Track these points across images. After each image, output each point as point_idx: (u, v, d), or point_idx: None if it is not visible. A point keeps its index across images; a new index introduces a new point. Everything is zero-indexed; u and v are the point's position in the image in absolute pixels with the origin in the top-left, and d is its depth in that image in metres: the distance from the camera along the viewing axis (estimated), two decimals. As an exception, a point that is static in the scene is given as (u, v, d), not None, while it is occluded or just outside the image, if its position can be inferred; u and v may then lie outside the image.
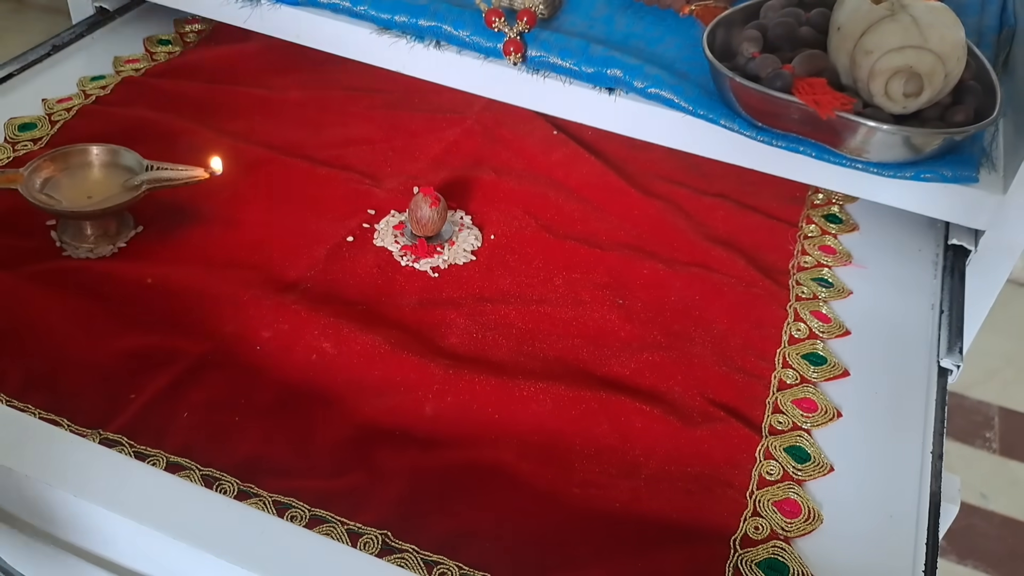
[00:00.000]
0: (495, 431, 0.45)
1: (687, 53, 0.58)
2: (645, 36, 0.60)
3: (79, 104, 0.61)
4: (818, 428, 0.46)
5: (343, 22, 0.60)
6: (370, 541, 0.39)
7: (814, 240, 0.58)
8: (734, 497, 0.43)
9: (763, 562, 0.40)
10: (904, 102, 0.50)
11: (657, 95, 0.55)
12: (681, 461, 0.44)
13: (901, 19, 0.50)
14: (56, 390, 0.44)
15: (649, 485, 0.43)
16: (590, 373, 0.48)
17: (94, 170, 0.53)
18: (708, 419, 0.46)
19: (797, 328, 0.52)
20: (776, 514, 0.42)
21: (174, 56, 0.68)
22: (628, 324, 0.51)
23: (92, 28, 0.68)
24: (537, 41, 0.57)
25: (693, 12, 0.61)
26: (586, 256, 0.55)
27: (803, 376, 0.49)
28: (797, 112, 0.51)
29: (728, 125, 0.54)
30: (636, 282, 0.54)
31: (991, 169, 0.54)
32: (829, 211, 0.61)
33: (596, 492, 0.43)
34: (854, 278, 0.56)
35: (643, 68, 0.55)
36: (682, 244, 0.57)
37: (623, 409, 0.46)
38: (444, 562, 0.39)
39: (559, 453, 0.44)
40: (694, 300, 0.53)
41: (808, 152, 0.53)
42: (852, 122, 0.49)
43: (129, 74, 0.65)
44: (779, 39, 0.55)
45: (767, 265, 0.56)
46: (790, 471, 0.44)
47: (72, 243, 0.51)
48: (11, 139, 0.58)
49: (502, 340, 0.49)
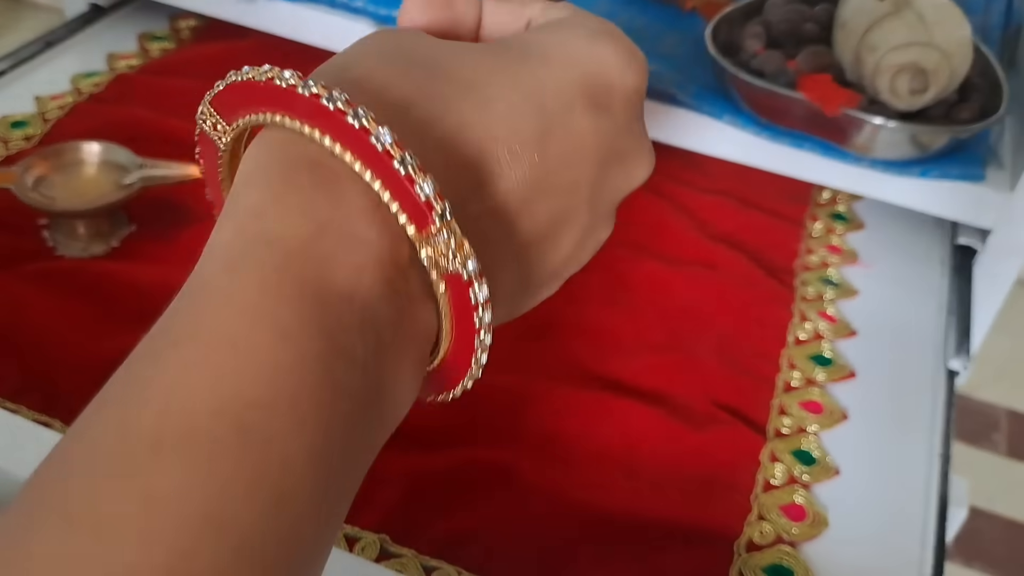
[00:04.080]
0: (495, 433, 0.44)
1: (690, 49, 0.58)
2: (648, 31, 0.59)
3: (72, 101, 0.61)
4: (824, 431, 0.46)
5: (340, 17, 0.59)
6: (368, 545, 0.39)
7: (819, 239, 0.58)
8: (738, 500, 0.42)
9: (768, 567, 0.40)
10: (909, 99, 0.49)
11: (660, 91, 0.54)
12: (684, 464, 0.44)
13: (906, 16, 0.50)
14: (49, 391, 0.43)
15: (651, 488, 0.42)
16: (591, 374, 0.47)
17: (87, 168, 0.52)
18: (712, 421, 0.45)
19: (802, 329, 0.51)
20: (781, 518, 0.42)
21: (168, 52, 0.67)
22: (630, 324, 0.50)
23: (85, 24, 0.68)
24: (537, 37, 0.56)
25: (696, 8, 0.61)
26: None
27: (809, 378, 0.48)
28: (802, 109, 0.50)
29: (732, 122, 0.53)
30: (638, 281, 0.53)
31: (997, 167, 0.53)
32: (834, 210, 0.60)
33: (597, 494, 0.42)
34: (860, 278, 0.55)
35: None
36: (685, 243, 0.56)
37: (625, 411, 0.45)
38: (443, 566, 0.38)
39: (560, 455, 0.43)
40: (697, 300, 0.52)
41: (813, 149, 0.52)
42: (857, 119, 0.49)
43: (123, 71, 0.64)
44: (783, 35, 0.55)
45: (772, 264, 0.55)
46: (795, 474, 0.44)
47: (65, 242, 0.51)
48: (3, 137, 0.57)
49: (501, 340, 0.49)
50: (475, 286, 0.21)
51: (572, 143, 0.25)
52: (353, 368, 0.19)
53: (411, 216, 0.20)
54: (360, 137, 0.20)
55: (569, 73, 0.25)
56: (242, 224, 0.20)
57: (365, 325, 0.20)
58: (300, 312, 0.19)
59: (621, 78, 0.26)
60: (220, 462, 0.17)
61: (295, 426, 0.18)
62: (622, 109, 0.26)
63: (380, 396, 0.21)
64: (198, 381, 0.18)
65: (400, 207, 0.20)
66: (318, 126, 0.20)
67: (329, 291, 0.19)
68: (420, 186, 0.20)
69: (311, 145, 0.21)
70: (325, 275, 0.20)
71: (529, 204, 0.24)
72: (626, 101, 0.27)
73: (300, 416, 0.18)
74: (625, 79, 0.26)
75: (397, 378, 0.21)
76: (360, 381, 0.20)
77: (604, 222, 0.29)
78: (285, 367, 0.18)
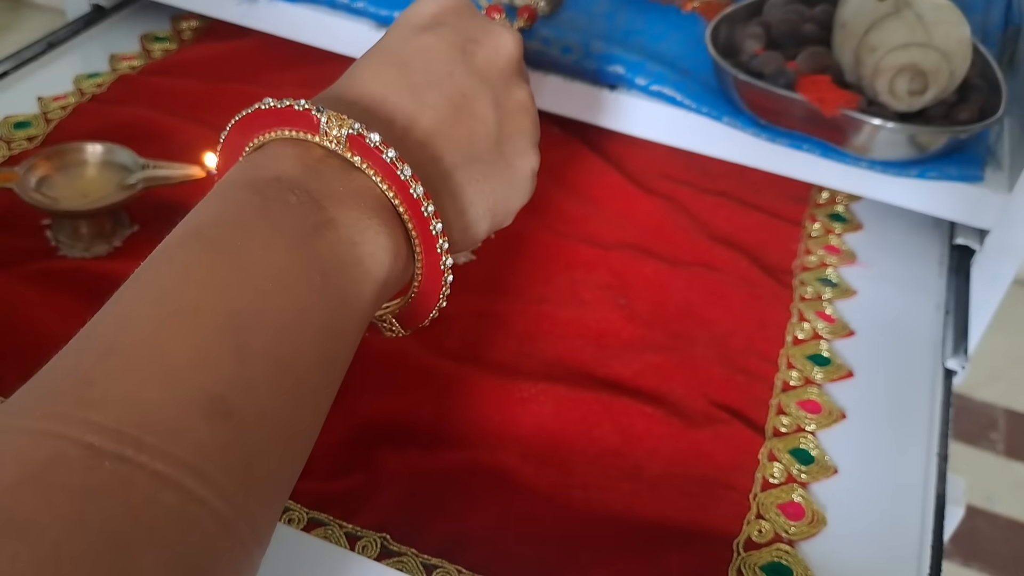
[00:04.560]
0: (495, 433, 0.44)
1: (690, 50, 0.58)
2: (647, 33, 0.59)
3: (75, 102, 0.61)
4: (822, 430, 0.46)
5: (341, 18, 0.59)
6: (369, 544, 0.39)
7: (818, 239, 0.58)
8: (737, 500, 0.42)
9: (766, 565, 0.40)
10: (909, 100, 0.50)
11: (659, 92, 0.54)
12: (683, 463, 0.44)
13: (906, 16, 0.50)
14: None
15: (651, 487, 0.43)
16: (591, 374, 0.47)
17: (90, 168, 0.52)
18: (711, 421, 0.46)
19: (801, 328, 0.51)
20: (780, 517, 0.42)
21: (171, 53, 0.68)
22: (630, 324, 0.50)
23: (88, 25, 0.68)
24: (537, 38, 0.56)
25: (696, 8, 0.61)
26: (587, 255, 0.55)
27: (807, 377, 0.48)
28: (801, 109, 0.50)
29: (731, 123, 0.53)
30: (638, 282, 0.53)
31: (996, 167, 0.53)
32: (833, 210, 0.60)
33: (597, 494, 0.42)
34: (858, 278, 0.55)
35: (645, 65, 0.55)
36: (684, 243, 0.56)
37: (625, 410, 0.45)
38: (444, 565, 0.39)
39: (560, 455, 0.44)
40: (696, 300, 0.52)
41: (812, 150, 0.52)
42: (856, 120, 0.49)
43: (125, 71, 0.65)
44: (783, 36, 0.55)
45: (770, 265, 0.56)
46: (794, 473, 0.44)
47: (67, 242, 0.51)
48: (6, 137, 0.57)
49: (502, 340, 0.49)
50: (367, 137, 0.30)
51: (426, 51, 0.35)
52: (288, 210, 0.28)
53: (306, 131, 0.31)
54: (309, 118, 0.30)
55: (405, 19, 0.36)
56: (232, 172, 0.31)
57: (292, 185, 0.29)
58: (244, 186, 0.29)
59: (440, 4, 0.36)
60: (209, 255, 0.27)
61: (243, 231, 0.28)
62: (454, 15, 0.36)
63: (323, 230, 0.29)
64: (192, 216, 0.29)
65: (306, 134, 0.31)
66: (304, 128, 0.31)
67: (263, 176, 0.30)
68: (314, 112, 0.30)
69: (291, 141, 0.31)
70: (261, 170, 0.30)
71: (419, 96, 0.33)
72: (455, 12, 0.36)
73: (246, 228, 0.28)
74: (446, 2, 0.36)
75: (345, 222, 0.29)
76: (295, 219, 0.28)
77: (505, 89, 0.36)
78: (232, 205, 0.29)
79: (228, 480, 0.24)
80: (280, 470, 0.26)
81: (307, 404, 0.27)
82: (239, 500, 0.24)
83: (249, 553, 0.25)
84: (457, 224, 0.35)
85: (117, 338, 0.25)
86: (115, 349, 0.24)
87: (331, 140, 0.30)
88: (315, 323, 0.27)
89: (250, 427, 0.25)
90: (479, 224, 0.36)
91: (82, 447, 0.22)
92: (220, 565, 0.23)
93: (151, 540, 0.22)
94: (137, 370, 0.24)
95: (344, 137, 0.30)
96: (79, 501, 0.21)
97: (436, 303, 0.34)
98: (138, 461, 0.22)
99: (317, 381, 0.28)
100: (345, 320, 0.29)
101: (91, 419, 0.23)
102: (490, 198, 0.36)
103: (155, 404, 0.23)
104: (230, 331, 0.25)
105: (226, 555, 0.24)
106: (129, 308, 0.26)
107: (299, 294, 0.27)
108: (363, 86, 0.34)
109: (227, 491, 0.24)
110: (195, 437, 0.23)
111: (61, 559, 0.20)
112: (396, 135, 0.32)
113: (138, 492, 0.22)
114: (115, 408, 0.23)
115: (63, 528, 0.21)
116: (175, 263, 0.27)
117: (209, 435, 0.23)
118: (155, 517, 0.22)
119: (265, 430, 0.25)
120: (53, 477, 0.21)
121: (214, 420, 0.24)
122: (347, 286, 0.29)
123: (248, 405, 0.25)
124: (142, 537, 0.22)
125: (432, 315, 0.35)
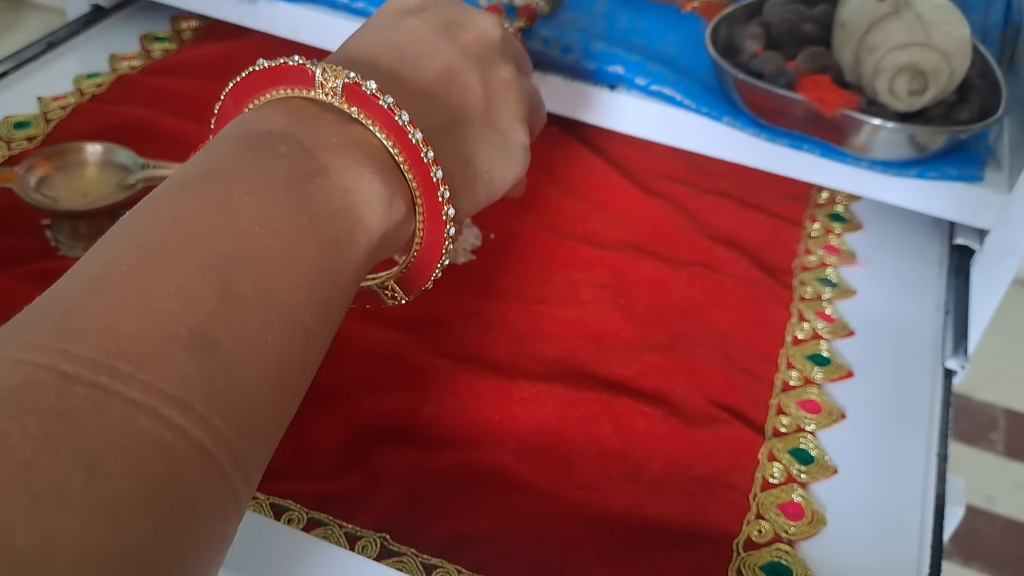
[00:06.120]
0: (495, 432, 0.44)
1: (689, 50, 0.58)
2: (647, 33, 0.59)
3: (75, 102, 0.61)
4: (822, 430, 0.46)
5: (341, 18, 0.59)
6: (369, 544, 0.39)
7: (818, 239, 0.58)
8: (737, 500, 0.42)
9: (766, 565, 0.40)
10: (908, 100, 0.50)
11: (659, 92, 0.54)
12: (683, 463, 0.44)
13: (906, 16, 0.50)
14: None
15: (651, 487, 0.43)
16: (591, 374, 0.48)
17: (90, 168, 0.52)
18: (711, 421, 0.46)
19: (801, 328, 0.51)
20: (779, 517, 0.42)
21: (170, 53, 0.68)
22: (629, 325, 0.50)
23: (87, 25, 0.68)
24: (537, 38, 0.56)
25: (696, 8, 0.61)
26: (587, 255, 0.55)
27: (807, 377, 0.48)
28: (801, 109, 0.50)
29: (731, 123, 0.53)
30: (637, 282, 0.53)
31: (996, 167, 0.53)
32: (833, 210, 0.60)
33: (597, 494, 0.42)
34: (858, 278, 0.55)
35: (645, 65, 0.55)
36: (684, 243, 0.56)
37: (624, 411, 0.45)
38: (443, 565, 0.39)
39: (560, 455, 0.44)
40: (696, 300, 0.52)
41: (812, 150, 0.52)
42: (856, 120, 0.49)
43: (125, 71, 0.65)
44: (783, 36, 0.55)
45: (770, 264, 0.56)
46: (793, 473, 0.44)
47: (67, 242, 0.51)
48: (6, 137, 0.57)
49: (502, 340, 0.49)
50: (364, 84, 0.30)
51: (412, 32, 0.35)
52: (277, 158, 0.29)
53: (301, 86, 0.31)
54: (304, 72, 0.31)
55: (390, 6, 0.37)
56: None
57: (283, 136, 0.29)
58: (234, 138, 0.30)
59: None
60: (195, 201, 0.27)
61: (230, 179, 0.28)
62: (436, 2, 0.37)
63: (313, 176, 0.29)
64: (193, 161, 0.29)
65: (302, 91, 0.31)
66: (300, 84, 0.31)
67: (254, 130, 0.30)
68: (308, 66, 0.30)
69: (285, 99, 0.31)
70: (252, 124, 0.30)
71: (410, 65, 0.34)
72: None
73: (234, 176, 0.28)
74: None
75: (337, 169, 0.29)
76: (285, 167, 0.28)
77: (489, 66, 0.37)
78: (221, 157, 0.29)
79: (210, 411, 0.24)
80: (269, 406, 0.26)
81: (297, 340, 0.27)
82: (222, 431, 0.24)
83: (233, 488, 0.25)
84: (458, 176, 0.34)
85: (99, 276, 0.25)
86: (96, 287, 0.25)
87: (327, 92, 0.30)
88: (305, 264, 0.27)
89: (236, 361, 0.25)
90: (478, 181, 0.35)
91: (56, 374, 0.22)
92: (200, 495, 0.23)
93: (126, 463, 0.22)
94: (117, 306, 0.24)
95: (340, 87, 0.30)
96: (51, 423, 0.21)
97: (439, 259, 0.34)
98: (112, 388, 0.22)
99: (309, 320, 0.28)
100: (339, 264, 0.29)
101: (66, 349, 0.23)
102: (486, 160, 0.35)
103: (132, 336, 0.23)
104: (214, 270, 0.25)
105: (207, 486, 0.24)
106: (113, 251, 0.26)
107: (287, 236, 0.27)
108: (356, 53, 0.34)
109: (209, 422, 0.24)
110: (173, 368, 0.23)
111: (32, 478, 0.20)
112: (393, 89, 0.32)
113: (111, 416, 0.22)
114: (91, 339, 0.23)
115: (33, 448, 0.21)
116: (160, 209, 0.27)
117: (189, 367, 0.24)
118: (129, 441, 0.22)
119: (252, 365, 0.25)
120: (24, 400, 0.22)
121: (194, 352, 0.24)
122: (340, 232, 0.29)
123: (232, 339, 0.25)
124: (116, 459, 0.22)
125: (435, 275, 0.34)
